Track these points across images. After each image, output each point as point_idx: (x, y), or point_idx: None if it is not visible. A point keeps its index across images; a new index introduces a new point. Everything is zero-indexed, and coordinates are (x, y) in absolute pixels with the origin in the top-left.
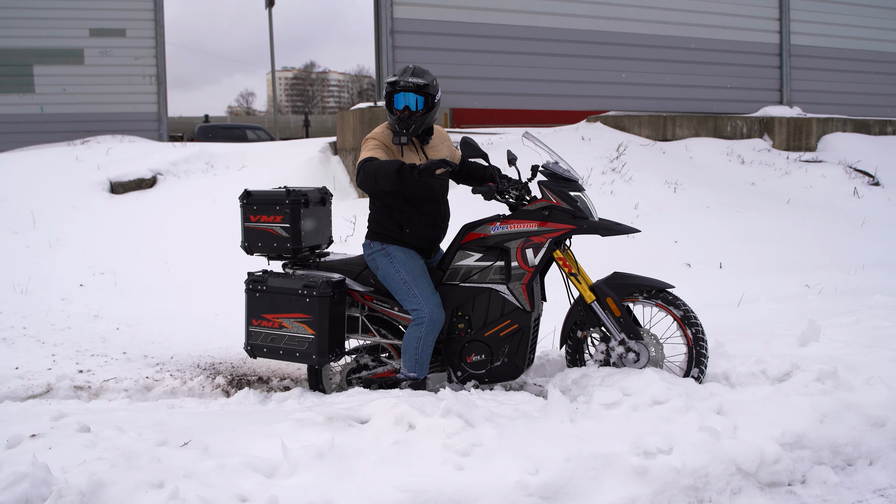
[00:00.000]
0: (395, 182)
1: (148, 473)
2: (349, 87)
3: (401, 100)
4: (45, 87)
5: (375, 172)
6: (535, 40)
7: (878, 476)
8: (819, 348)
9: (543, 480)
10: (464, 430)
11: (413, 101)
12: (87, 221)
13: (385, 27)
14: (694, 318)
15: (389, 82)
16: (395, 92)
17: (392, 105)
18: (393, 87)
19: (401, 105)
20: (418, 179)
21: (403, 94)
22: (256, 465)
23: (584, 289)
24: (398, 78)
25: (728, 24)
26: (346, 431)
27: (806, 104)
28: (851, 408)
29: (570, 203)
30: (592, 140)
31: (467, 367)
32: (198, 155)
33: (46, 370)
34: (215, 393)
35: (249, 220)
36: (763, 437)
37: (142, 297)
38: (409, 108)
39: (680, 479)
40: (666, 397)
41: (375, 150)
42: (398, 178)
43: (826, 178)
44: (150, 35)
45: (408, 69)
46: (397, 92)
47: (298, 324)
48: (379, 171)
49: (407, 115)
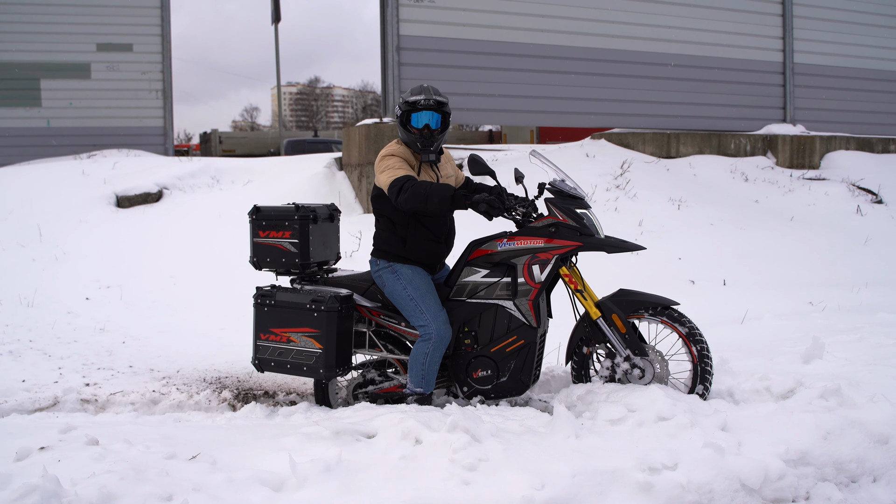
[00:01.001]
0: (446, 207)
1: (157, 486)
2: (353, 102)
3: (422, 118)
4: (51, 101)
5: (427, 195)
6: (541, 58)
7: (881, 493)
8: (823, 365)
9: (549, 496)
10: (470, 445)
11: (434, 119)
12: (93, 235)
13: (391, 44)
14: (699, 336)
15: (409, 101)
16: (416, 111)
17: (410, 123)
18: (413, 106)
19: (421, 123)
20: (466, 207)
21: (424, 112)
22: (264, 478)
23: (590, 305)
24: (420, 98)
25: (732, 43)
26: (353, 446)
27: (809, 122)
28: (855, 425)
29: (577, 220)
30: (597, 157)
31: (473, 382)
32: (203, 169)
33: (53, 383)
34: (221, 407)
35: (259, 235)
36: (767, 453)
37: (148, 310)
38: (429, 127)
39: (685, 495)
40: (671, 413)
41: (404, 167)
42: (451, 204)
43: (829, 195)
44: (156, 50)
45: (425, 88)
46: (418, 111)
47: (306, 338)
48: (431, 195)
49: (428, 133)
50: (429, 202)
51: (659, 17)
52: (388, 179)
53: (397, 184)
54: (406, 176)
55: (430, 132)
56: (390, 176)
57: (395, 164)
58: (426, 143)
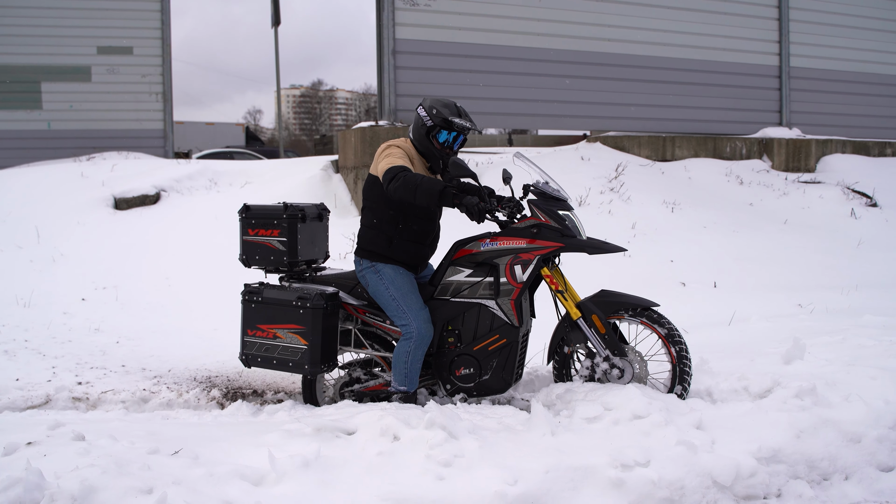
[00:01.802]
0: (434, 200)
1: (138, 480)
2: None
3: (450, 137)
4: (52, 103)
5: (417, 185)
6: (536, 61)
7: (852, 491)
8: (803, 366)
9: (522, 491)
10: (446, 441)
11: (458, 141)
12: (90, 237)
13: (387, 48)
14: (678, 337)
15: (446, 119)
16: (449, 129)
17: (436, 135)
18: (449, 125)
19: (447, 141)
20: (453, 205)
21: (454, 133)
22: (244, 473)
23: (571, 306)
24: (459, 121)
25: (728, 46)
26: (332, 442)
27: (805, 125)
28: (829, 424)
29: (559, 221)
30: (592, 160)
31: (456, 380)
32: (201, 172)
33: (46, 382)
34: (210, 405)
35: (248, 233)
36: (740, 451)
37: (142, 311)
38: (451, 146)
39: (656, 491)
40: (646, 412)
41: (404, 158)
42: (439, 198)
43: (824, 198)
44: (157, 53)
45: (463, 112)
46: (451, 130)
47: (292, 334)
48: (421, 186)
49: (449, 152)
50: (417, 193)
51: (655, 20)
52: (385, 167)
53: (392, 171)
54: (403, 166)
55: (451, 151)
56: (388, 164)
57: (396, 154)
58: (442, 156)
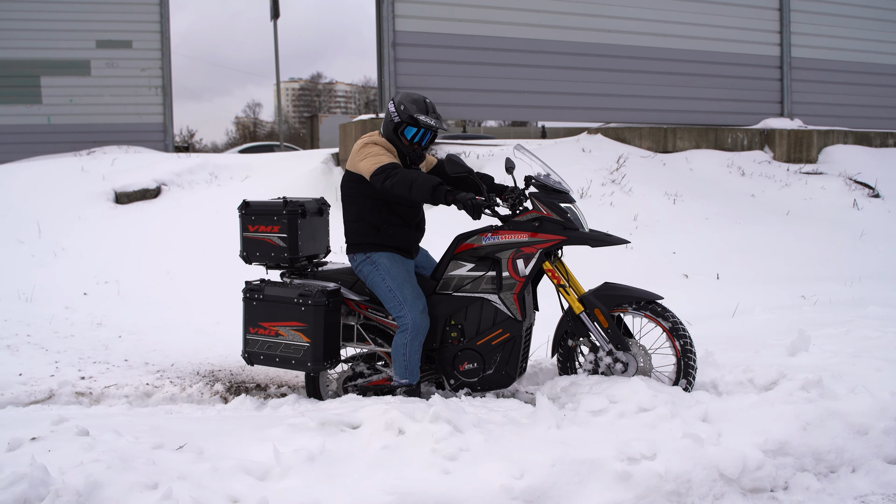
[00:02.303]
0: (428, 197)
1: (143, 475)
2: (356, 97)
3: (418, 135)
4: (51, 97)
5: (412, 182)
6: (537, 53)
7: (859, 483)
8: (808, 358)
9: (528, 484)
10: (452, 435)
11: (427, 137)
12: (91, 231)
13: (387, 40)
14: (682, 330)
15: (413, 117)
16: (416, 126)
17: (403, 132)
18: (416, 122)
19: (415, 138)
20: (447, 201)
21: (423, 130)
22: (249, 467)
23: (573, 300)
24: (426, 119)
25: (729, 37)
26: (337, 436)
27: (807, 116)
28: (835, 416)
29: (561, 214)
30: (593, 152)
31: (460, 375)
32: (202, 166)
33: (49, 377)
34: (213, 399)
35: (248, 229)
36: (746, 443)
37: (144, 305)
38: (420, 143)
39: (663, 484)
40: (652, 405)
41: (388, 154)
42: (432, 195)
43: (826, 189)
44: (156, 46)
45: (431, 109)
46: (418, 128)
47: (294, 332)
48: (416, 182)
49: (418, 148)
50: (413, 190)
51: (656, 11)
52: (372, 166)
53: (384, 170)
54: (393, 163)
55: (420, 148)
56: (375, 163)
57: (378, 152)
58: (415, 158)
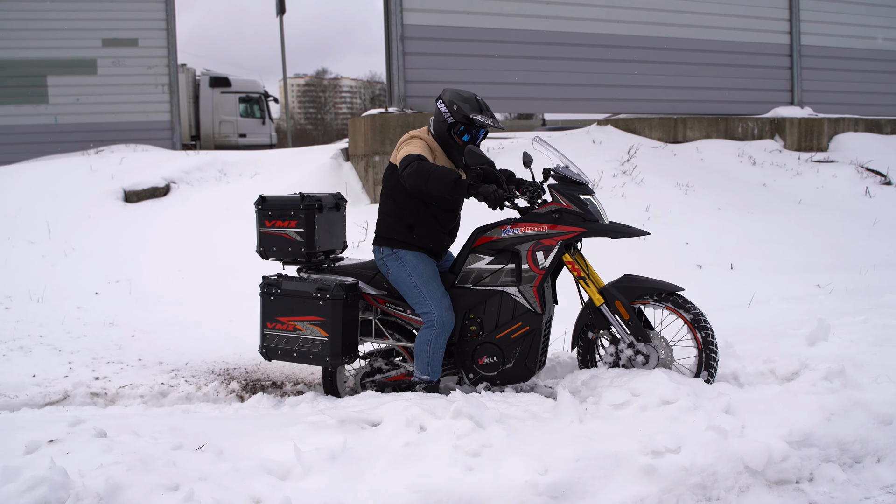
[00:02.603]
0: (447, 190)
1: (163, 476)
2: (361, 93)
3: (472, 134)
4: (58, 97)
5: (430, 175)
6: (546, 44)
7: (885, 473)
8: (828, 347)
9: (553, 480)
10: (474, 431)
11: (479, 136)
12: (101, 230)
13: (395, 34)
14: (704, 322)
15: (469, 118)
16: (473, 127)
17: (456, 131)
18: (472, 123)
19: (469, 139)
20: (468, 194)
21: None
22: (270, 467)
23: (593, 292)
24: (482, 119)
25: (738, 26)
26: (358, 434)
27: (817, 104)
28: (859, 406)
29: (580, 206)
30: (603, 143)
31: (479, 369)
32: (210, 163)
33: (63, 377)
34: (230, 398)
35: (265, 224)
36: (771, 435)
37: (156, 304)
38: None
39: (688, 477)
40: (674, 397)
41: (424, 149)
42: (452, 189)
43: (838, 178)
44: (162, 44)
45: (481, 103)
46: (474, 128)
47: (312, 326)
48: (434, 175)
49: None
50: (430, 182)
51: (664, 1)
52: (403, 154)
53: (408, 159)
54: (419, 155)
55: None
56: (407, 152)
57: (416, 145)
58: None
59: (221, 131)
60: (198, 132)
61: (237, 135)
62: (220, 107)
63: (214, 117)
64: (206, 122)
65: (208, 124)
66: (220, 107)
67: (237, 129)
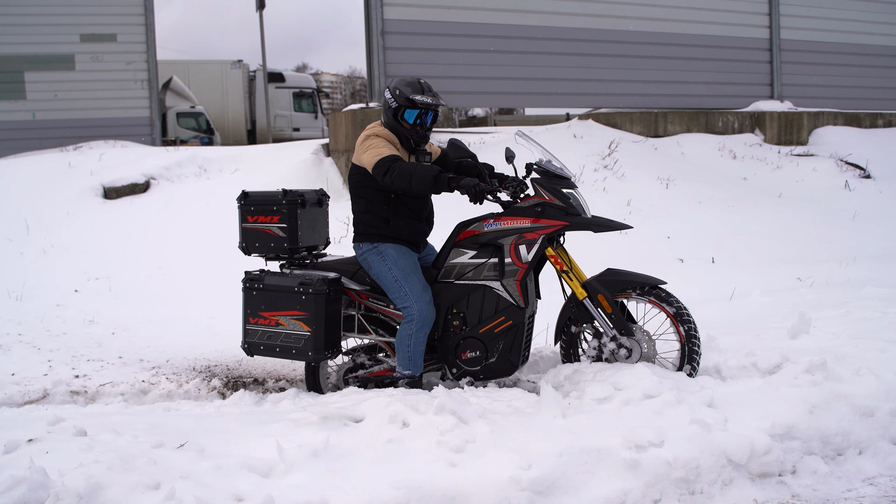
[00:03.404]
0: (429, 187)
1: (144, 475)
2: (342, 88)
3: (419, 116)
4: (36, 93)
5: (412, 174)
6: (527, 39)
7: (867, 465)
8: (810, 340)
9: (536, 475)
10: (457, 427)
11: (429, 117)
12: (80, 227)
13: (376, 28)
14: (686, 315)
15: (409, 98)
16: (414, 108)
17: (403, 116)
18: (413, 103)
19: (417, 120)
20: (450, 188)
21: (422, 111)
22: (252, 465)
23: (576, 286)
24: (423, 98)
25: (718, 20)
26: (340, 430)
27: (797, 98)
28: (841, 398)
29: (563, 200)
30: (584, 137)
31: (462, 364)
32: (191, 159)
33: (43, 376)
34: (211, 395)
35: (247, 220)
36: (754, 428)
37: (137, 301)
38: (423, 125)
39: (671, 471)
40: (657, 391)
41: (389, 146)
42: (433, 184)
43: (817, 171)
44: (140, 40)
45: (427, 88)
46: (416, 108)
47: (295, 321)
48: (416, 174)
49: (421, 131)
50: (413, 182)
51: None
52: (373, 158)
53: (384, 164)
54: (393, 156)
55: (423, 130)
56: (376, 155)
57: (379, 144)
58: (419, 140)
59: (276, 125)
60: (253, 127)
61: (291, 129)
62: (274, 102)
63: (269, 112)
64: (261, 116)
65: (263, 119)
66: (274, 102)
67: (291, 123)
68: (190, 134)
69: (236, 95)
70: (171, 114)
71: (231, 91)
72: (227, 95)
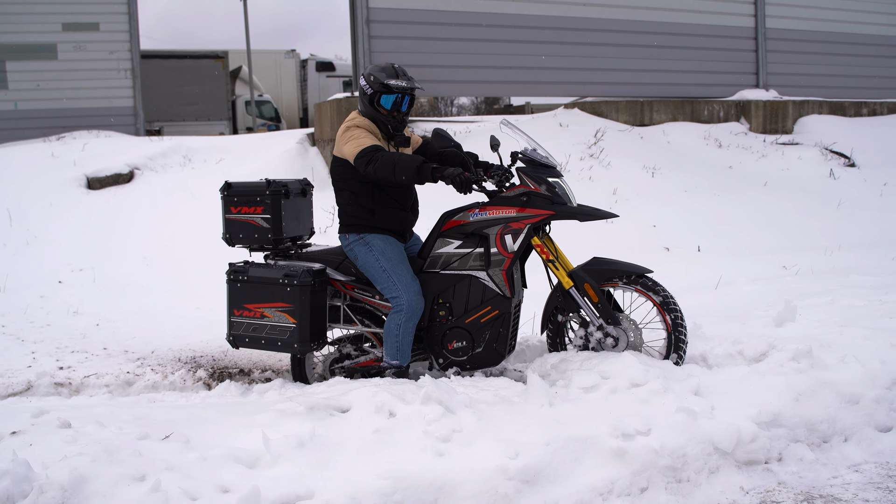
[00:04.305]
0: (413, 177)
1: (129, 467)
2: None
3: (395, 101)
4: (18, 83)
5: (395, 164)
6: (512, 27)
7: (852, 452)
8: (795, 328)
9: (524, 464)
10: (444, 416)
11: (405, 102)
12: (64, 218)
13: (360, 17)
14: (673, 304)
15: (384, 84)
16: (389, 93)
17: (379, 102)
18: (388, 88)
19: (393, 106)
20: (434, 179)
21: (398, 96)
22: (238, 456)
23: (562, 275)
24: (397, 82)
25: (703, 9)
26: (326, 421)
27: (782, 87)
28: (826, 386)
29: (549, 189)
30: (570, 126)
31: (449, 354)
32: (175, 149)
33: (26, 368)
34: (197, 386)
35: (230, 211)
36: (740, 416)
37: (121, 292)
38: (399, 109)
39: (658, 459)
40: (644, 380)
41: (370, 137)
42: (417, 174)
43: (802, 160)
44: (124, 29)
45: (401, 72)
46: (392, 93)
47: (280, 313)
48: (399, 164)
49: (399, 116)
50: (396, 172)
51: None
52: (354, 149)
53: (366, 154)
54: (374, 146)
55: (400, 114)
56: (357, 146)
57: (360, 135)
58: (397, 125)
59: None
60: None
61: None
62: (326, 90)
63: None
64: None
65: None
66: (326, 90)
67: None
68: (258, 122)
69: (290, 84)
70: (240, 102)
71: (285, 80)
72: (282, 84)
